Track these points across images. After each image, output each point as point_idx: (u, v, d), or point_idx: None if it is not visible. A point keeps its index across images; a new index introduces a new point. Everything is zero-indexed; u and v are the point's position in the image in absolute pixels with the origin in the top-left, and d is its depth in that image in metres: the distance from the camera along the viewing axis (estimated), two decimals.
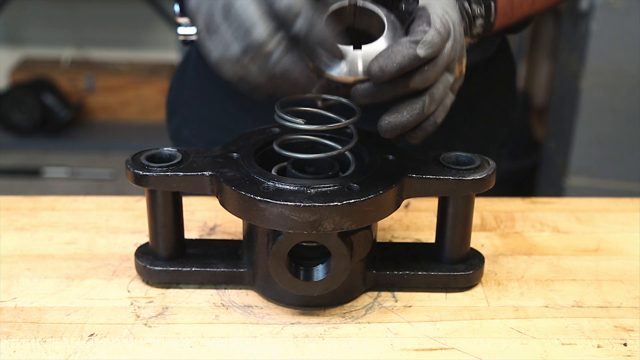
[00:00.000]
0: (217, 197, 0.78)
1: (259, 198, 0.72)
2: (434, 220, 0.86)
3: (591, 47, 2.11)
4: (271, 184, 0.74)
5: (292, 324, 0.78)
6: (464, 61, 0.74)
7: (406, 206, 1.01)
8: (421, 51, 0.67)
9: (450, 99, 0.74)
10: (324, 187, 0.74)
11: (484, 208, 1.01)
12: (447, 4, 0.72)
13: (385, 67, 0.67)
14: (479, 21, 0.78)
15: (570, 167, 2.23)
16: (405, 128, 0.71)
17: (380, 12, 0.72)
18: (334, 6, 0.72)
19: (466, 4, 0.77)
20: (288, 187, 0.74)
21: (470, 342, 0.75)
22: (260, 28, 0.63)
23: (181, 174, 0.78)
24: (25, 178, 3.01)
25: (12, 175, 3.00)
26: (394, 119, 0.70)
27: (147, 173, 0.78)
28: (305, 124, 0.77)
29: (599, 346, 0.75)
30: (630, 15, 2.05)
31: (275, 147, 0.79)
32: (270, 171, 0.79)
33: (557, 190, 2.33)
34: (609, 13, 2.05)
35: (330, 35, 0.66)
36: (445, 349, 0.74)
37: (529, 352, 0.74)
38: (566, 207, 1.03)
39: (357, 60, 0.70)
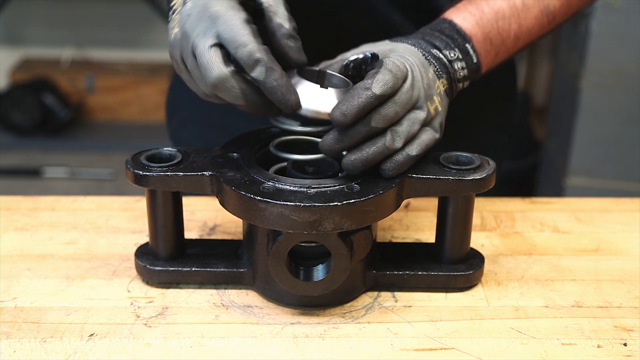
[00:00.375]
0: (217, 197, 0.78)
1: (259, 198, 0.72)
2: (434, 220, 0.86)
3: (591, 47, 2.11)
4: (271, 184, 0.74)
5: (292, 324, 0.78)
6: (436, 99, 0.78)
7: (406, 206, 1.01)
8: (376, 89, 0.71)
9: (428, 133, 0.77)
10: (323, 187, 0.74)
11: (484, 208, 1.01)
12: (406, 51, 0.78)
13: (346, 111, 0.71)
14: (459, 64, 0.81)
15: (570, 167, 2.23)
16: (368, 163, 0.74)
17: (345, 78, 0.77)
18: (304, 70, 0.77)
19: (434, 51, 0.80)
20: (288, 187, 0.74)
21: (470, 342, 0.75)
22: (215, 69, 0.71)
23: (181, 174, 0.78)
24: (25, 178, 3.01)
25: (12, 175, 3.00)
26: (354, 155, 0.74)
27: (147, 173, 0.78)
28: (303, 125, 0.77)
29: (599, 346, 0.75)
30: (630, 15, 2.05)
31: (272, 149, 0.80)
32: (270, 171, 0.79)
33: (557, 190, 2.33)
34: (609, 13, 2.05)
35: (286, 82, 0.71)
36: (445, 349, 0.74)
37: (529, 352, 0.74)
38: (566, 207, 1.03)
39: (320, 97, 0.74)
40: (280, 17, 0.74)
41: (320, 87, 0.75)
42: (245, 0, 0.74)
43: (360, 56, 0.78)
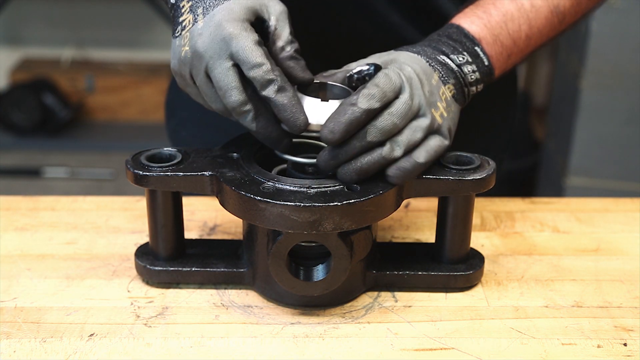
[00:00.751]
0: (217, 197, 0.78)
1: (259, 198, 0.72)
2: (434, 220, 0.86)
3: (591, 47, 2.11)
4: (271, 184, 0.74)
5: (292, 324, 0.78)
6: (441, 106, 0.78)
7: (406, 206, 1.01)
8: (362, 104, 0.72)
9: (435, 140, 0.77)
10: (324, 187, 0.74)
11: (484, 208, 1.01)
12: (407, 60, 0.78)
13: (334, 128, 0.72)
14: (469, 68, 0.81)
15: (570, 167, 2.23)
16: (362, 173, 0.74)
17: (347, 88, 0.78)
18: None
19: (440, 57, 0.80)
20: (288, 187, 0.74)
21: (470, 342, 0.75)
22: (235, 94, 0.73)
23: (181, 174, 0.78)
24: (25, 178, 3.01)
25: (12, 175, 3.00)
26: (348, 166, 0.74)
27: (147, 173, 0.78)
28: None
29: (599, 346, 0.75)
30: (630, 15, 2.05)
31: (276, 151, 0.80)
32: (271, 172, 0.79)
33: (557, 190, 2.33)
34: (609, 13, 2.05)
35: (296, 102, 0.73)
36: (445, 349, 0.74)
37: (529, 352, 0.74)
38: (566, 207, 1.03)
39: (322, 111, 0.74)
40: (283, 40, 0.76)
41: (322, 100, 0.75)
42: (255, 22, 0.75)
43: (364, 68, 0.78)
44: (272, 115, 0.75)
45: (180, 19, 0.76)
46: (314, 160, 0.77)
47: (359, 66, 0.78)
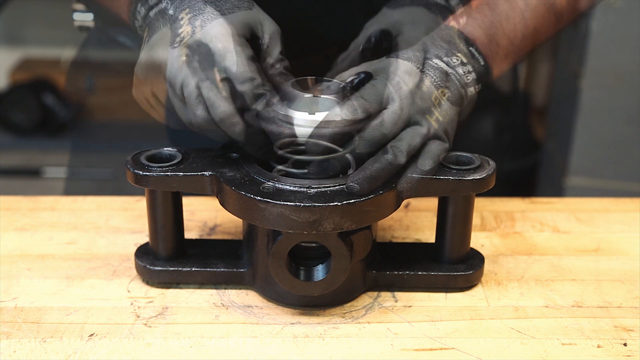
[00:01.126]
0: (217, 197, 0.78)
1: (259, 198, 0.72)
2: (434, 220, 0.86)
3: (591, 47, 2.10)
4: (271, 184, 0.74)
5: (292, 324, 0.78)
6: (435, 111, 0.78)
7: (406, 206, 1.01)
8: (346, 116, 0.74)
9: (436, 144, 0.77)
10: (323, 187, 0.74)
11: (484, 208, 1.01)
12: (396, 69, 0.78)
13: (318, 140, 0.74)
14: (464, 69, 0.81)
15: (570, 167, 2.23)
16: (373, 180, 0.74)
17: (335, 98, 0.78)
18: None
19: (433, 61, 0.80)
20: (288, 187, 0.74)
21: (470, 342, 0.75)
22: (224, 105, 0.74)
23: (181, 174, 0.78)
24: (25, 178, 3.00)
25: (12, 175, 3.00)
26: (357, 175, 0.74)
27: (147, 173, 0.78)
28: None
29: (599, 346, 0.75)
30: (630, 15, 2.04)
31: (278, 151, 0.80)
32: (271, 172, 0.79)
33: (557, 190, 2.33)
34: (609, 13, 2.05)
35: (283, 116, 0.75)
36: (445, 349, 0.74)
37: (529, 352, 0.74)
38: (566, 207, 1.03)
39: (310, 124, 0.75)
40: (274, 58, 0.79)
41: (310, 113, 0.76)
42: (250, 38, 0.77)
43: (356, 78, 0.78)
44: (259, 128, 0.76)
45: (179, 31, 0.77)
46: (316, 158, 0.77)
47: (350, 76, 0.79)
